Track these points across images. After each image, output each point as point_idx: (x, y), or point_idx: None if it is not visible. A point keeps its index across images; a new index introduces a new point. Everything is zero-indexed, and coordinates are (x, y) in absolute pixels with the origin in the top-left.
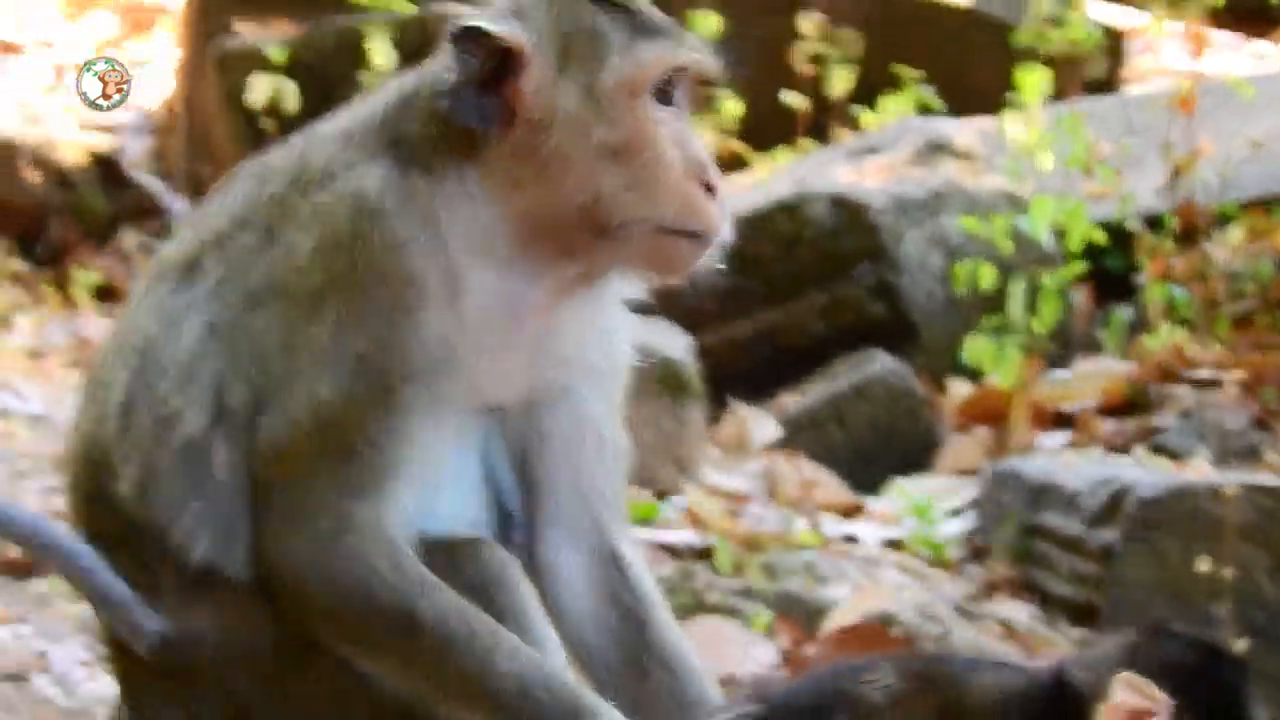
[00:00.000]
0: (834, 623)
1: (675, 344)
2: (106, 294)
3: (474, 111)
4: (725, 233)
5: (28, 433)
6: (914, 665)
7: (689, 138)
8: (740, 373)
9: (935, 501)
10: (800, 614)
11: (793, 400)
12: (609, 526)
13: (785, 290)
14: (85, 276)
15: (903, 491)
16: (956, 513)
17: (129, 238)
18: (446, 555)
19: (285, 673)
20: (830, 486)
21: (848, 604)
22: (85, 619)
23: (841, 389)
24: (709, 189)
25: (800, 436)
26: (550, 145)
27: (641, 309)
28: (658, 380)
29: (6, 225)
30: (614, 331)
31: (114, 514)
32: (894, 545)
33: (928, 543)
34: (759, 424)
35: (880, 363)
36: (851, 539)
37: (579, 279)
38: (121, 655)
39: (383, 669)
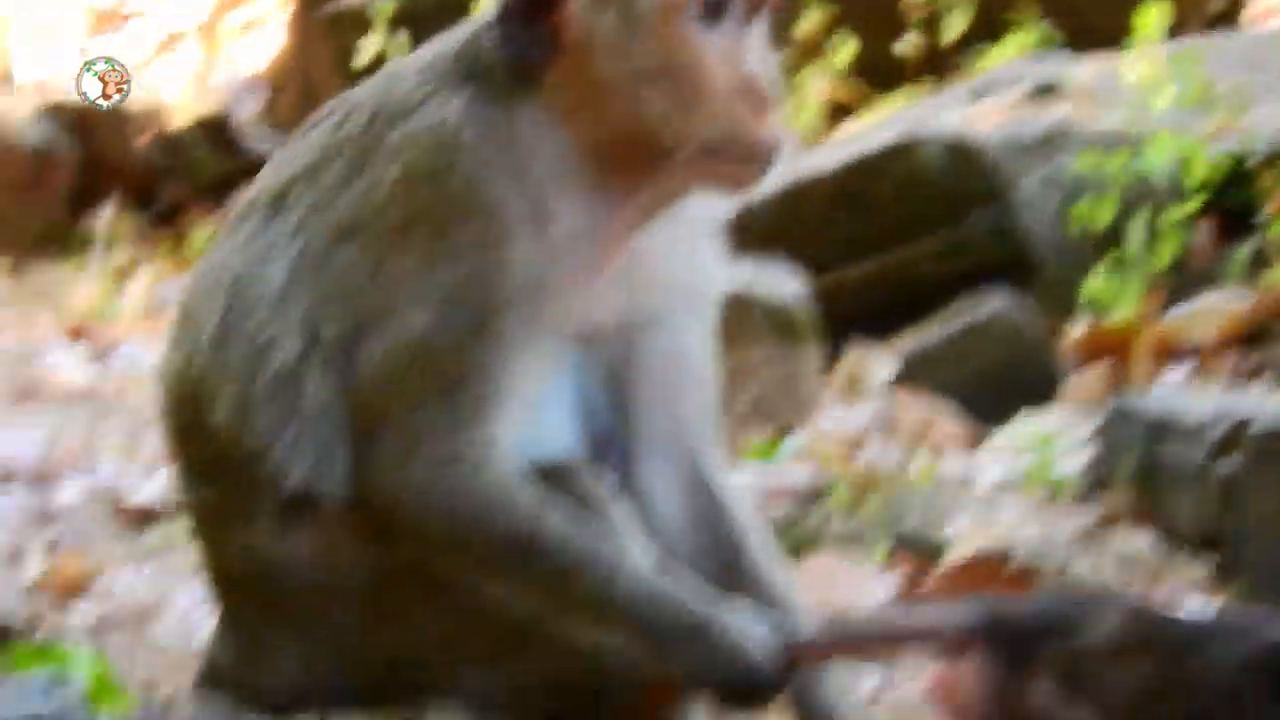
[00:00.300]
0: (952, 558)
1: (788, 285)
2: None
3: (521, 42)
4: (780, 151)
5: (144, 389)
6: (1144, 618)
7: (743, 57)
8: (859, 315)
9: (1055, 437)
10: (918, 550)
11: (912, 339)
12: (703, 451)
13: (901, 233)
14: (198, 237)
15: (1023, 427)
16: (1077, 447)
17: (241, 198)
18: (544, 481)
19: (385, 595)
20: (949, 422)
21: (966, 539)
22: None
23: (961, 328)
24: (761, 107)
25: (919, 375)
26: (595, 71)
27: (756, 251)
28: (771, 321)
29: (120, 188)
30: (702, 256)
31: (209, 443)
32: (1014, 480)
33: (1047, 477)
34: (877, 363)
35: (999, 301)
36: (971, 475)
37: (654, 203)
38: (222, 578)
39: (505, 592)
